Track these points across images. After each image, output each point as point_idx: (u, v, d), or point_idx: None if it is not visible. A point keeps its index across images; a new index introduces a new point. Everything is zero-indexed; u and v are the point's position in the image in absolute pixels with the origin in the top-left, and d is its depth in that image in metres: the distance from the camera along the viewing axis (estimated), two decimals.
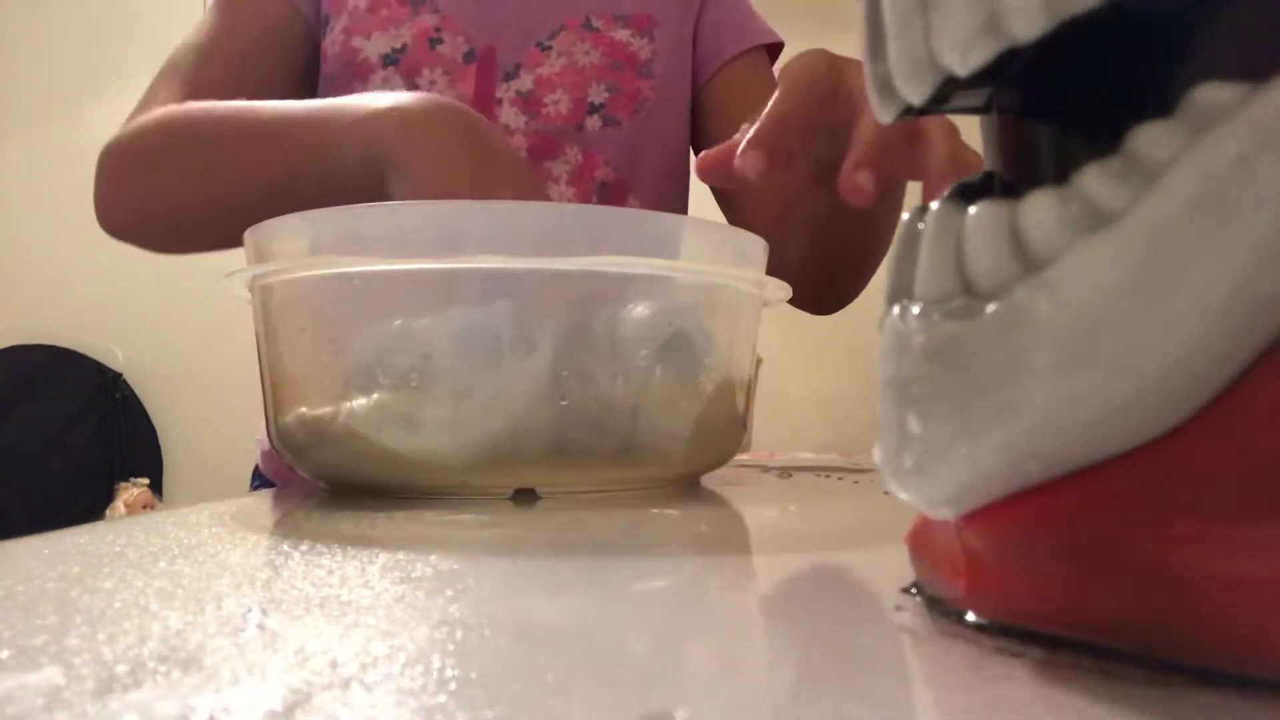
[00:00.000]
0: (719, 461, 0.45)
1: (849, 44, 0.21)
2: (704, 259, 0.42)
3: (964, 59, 0.14)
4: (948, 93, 0.16)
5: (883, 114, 0.17)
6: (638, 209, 0.70)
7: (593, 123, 0.70)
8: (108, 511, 2.35)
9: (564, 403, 0.37)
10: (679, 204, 0.78)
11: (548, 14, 0.72)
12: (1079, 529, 0.14)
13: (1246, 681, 0.12)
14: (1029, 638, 0.15)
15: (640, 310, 0.39)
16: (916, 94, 0.16)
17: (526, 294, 0.38)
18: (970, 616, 0.16)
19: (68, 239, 2.33)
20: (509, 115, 0.69)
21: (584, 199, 0.70)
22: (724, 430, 0.44)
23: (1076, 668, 0.14)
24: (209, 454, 2.49)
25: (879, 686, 0.13)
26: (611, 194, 0.71)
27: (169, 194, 0.59)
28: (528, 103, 0.69)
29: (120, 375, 2.53)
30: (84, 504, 2.39)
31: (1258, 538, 0.12)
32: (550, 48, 0.70)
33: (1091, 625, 0.14)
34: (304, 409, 0.40)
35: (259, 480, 0.80)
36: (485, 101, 0.69)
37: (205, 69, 0.66)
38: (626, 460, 0.40)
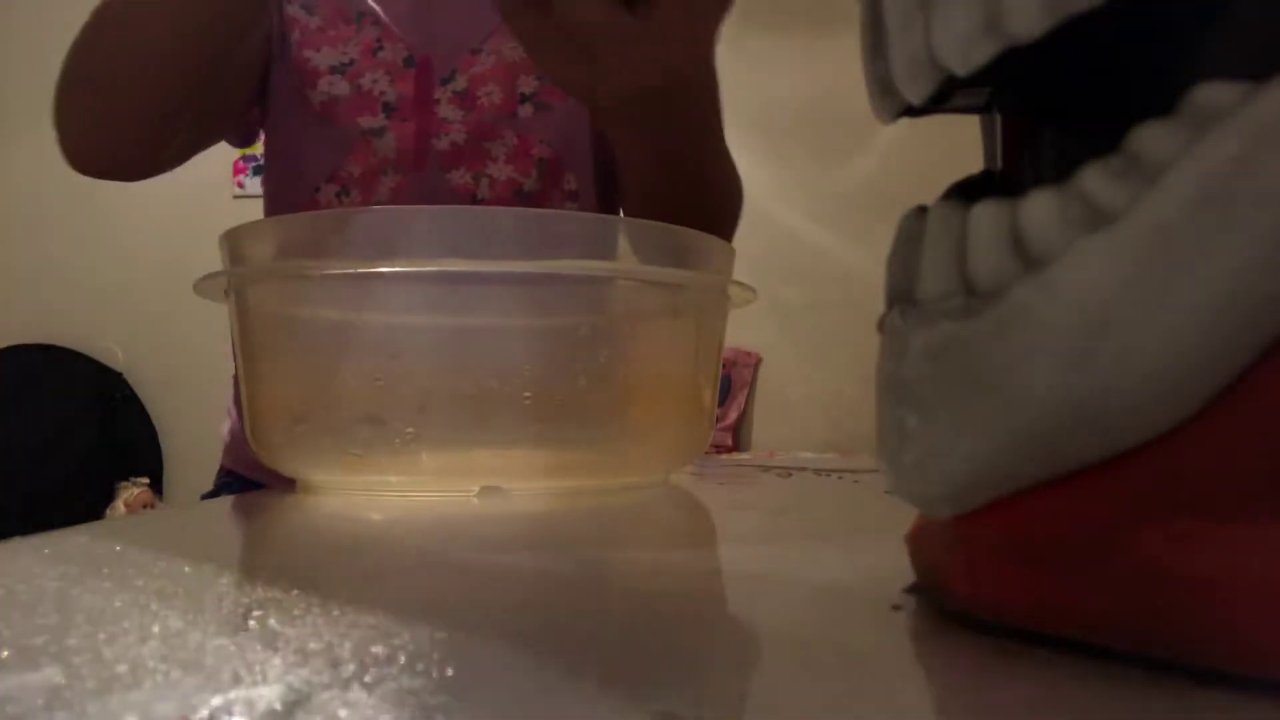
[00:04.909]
0: (687, 459, 0.47)
1: (849, 44, 0.21)
2: (669, 262, 0.43)
3: (964, 59, 0.14)
4: (948, 92, 0.16)
5: (883, 113, 0.17)
6: (599, 213, 0.71)
7: (525, 110, 0.75)
8: (108, 511, 2.35)
9: (526, 395, 0.38)
10: (609, 174, 0.79)
11: (477, 23, 0.76)
12: (1080, 529, 0.14)
13: (1246, 681, 0.12)
14: (1029, 638, 0.15)
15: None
16: (917, 94, 0.16)
17: (493, 295, 0.39)
18: (970, 617, 0.16)
19: (69, 239, 2.33)
20: (447, 111, 0.74)
21: (524, 174, 0.74)
22: (691, 428, 0.45)
23: (1076, 668, 0.14)
24: (209, 454, 2.48)
25: (879, 687, 0.13)
26: (550, 170, 0.75)
27: (105, 71, 0.61)
28: (464, 99, 0.74)
29: (120, 375, 2.53)
30: (84, 504, 2.39)
31: (1258, 537, 0.12)
32: (481, 49, 0.75)
33: (1091, 625, 0.14)
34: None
35: (227, 477, 0.82)
36: (424, 103, 0.74)
37: None
38: (593, 457, 0.40)
